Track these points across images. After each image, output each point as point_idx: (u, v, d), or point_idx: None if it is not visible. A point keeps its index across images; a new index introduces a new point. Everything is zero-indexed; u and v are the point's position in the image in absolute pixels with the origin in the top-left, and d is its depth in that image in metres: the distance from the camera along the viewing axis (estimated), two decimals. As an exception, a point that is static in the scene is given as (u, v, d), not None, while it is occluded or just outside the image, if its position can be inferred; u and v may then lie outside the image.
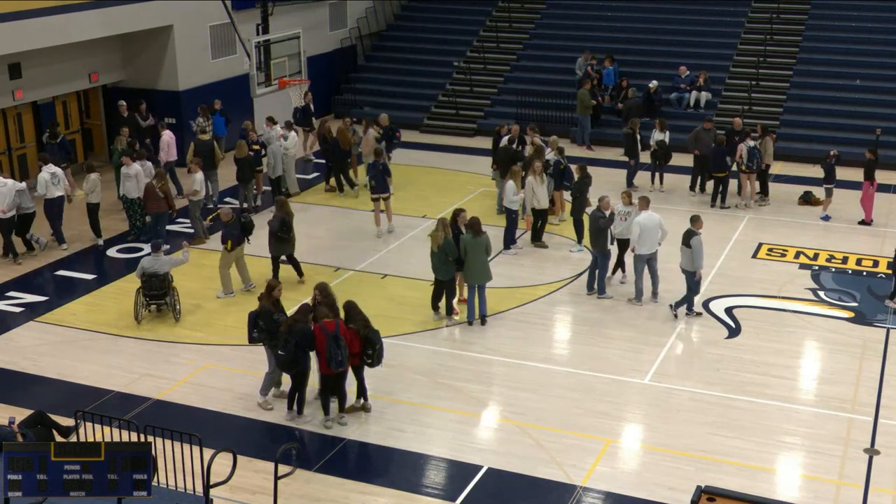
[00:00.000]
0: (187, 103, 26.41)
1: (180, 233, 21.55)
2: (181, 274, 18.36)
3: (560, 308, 18.16)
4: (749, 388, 15.08)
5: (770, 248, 20.88)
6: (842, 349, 16.45)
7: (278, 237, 18.56)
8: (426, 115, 31.34)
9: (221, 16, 26.65)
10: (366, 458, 13.58)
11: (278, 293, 14.47)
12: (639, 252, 17.77)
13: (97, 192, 20.75)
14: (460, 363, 16.01)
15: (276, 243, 18.65)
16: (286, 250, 18.74)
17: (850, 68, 29.35)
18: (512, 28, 33.81)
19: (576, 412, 14.43)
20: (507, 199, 20.37)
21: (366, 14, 34.61)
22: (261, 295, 14.51)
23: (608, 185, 23.34)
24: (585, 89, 28.45)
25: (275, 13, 28.78)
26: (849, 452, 13.42)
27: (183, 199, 22.34)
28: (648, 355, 16.17)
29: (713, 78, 29.64)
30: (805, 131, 27.80)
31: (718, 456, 13.28)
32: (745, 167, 22.91)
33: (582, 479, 12.81)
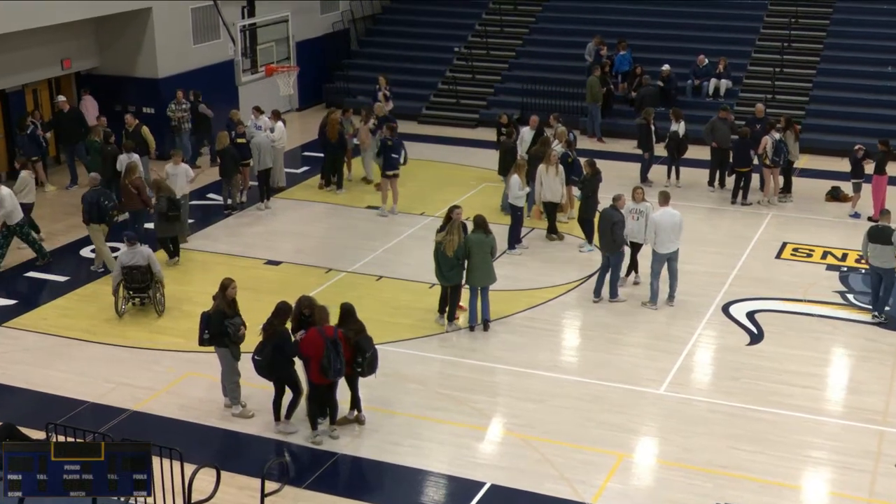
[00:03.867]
0: (167, 91, 26.39)
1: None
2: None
3: (569, 312, 18.19)
4: (772, 399, 15.11)
5: (795, 247, 20.92)
6: (872, 356, 16.47)
7: (168, 217, 19.16)
8: (425, 105, 31.36)
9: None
10: (359, 473, 13.60)
11: (233, 292, 14.52)
12: (657, 250, 17.79)
13: (28, 191, 20.71)
14: (461, 371, 16.03)
15: (165, 223, 19.21)
16: (174, 231, 18.86)
17: (882, 54, 29.36)
18: (517, 11, 33.82)
19: (586, 424, 14.45)
20: (513, 195, 20.38)
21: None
22: (215, 295, 14.57)
23: (621, 179, 23.37)
24: (595, 76, 28.45)
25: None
26: (879, 468, 13.44)
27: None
28: (664, 363, 16.20)
29: (734, 65, 29.63)
30: (833, 122, 27.82)
31: (739, 471, 13.30)
32: (771, 161, 22.92)
33: (592, 496, 12.83)
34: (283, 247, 21.13)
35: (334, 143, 24.07)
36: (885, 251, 17.38)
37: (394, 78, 30.04)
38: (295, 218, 23.01)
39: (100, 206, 19.19)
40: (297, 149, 27.79)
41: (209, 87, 26.77)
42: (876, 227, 17.59)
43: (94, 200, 19.22)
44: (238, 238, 21.64)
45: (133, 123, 23.76)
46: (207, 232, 21.94)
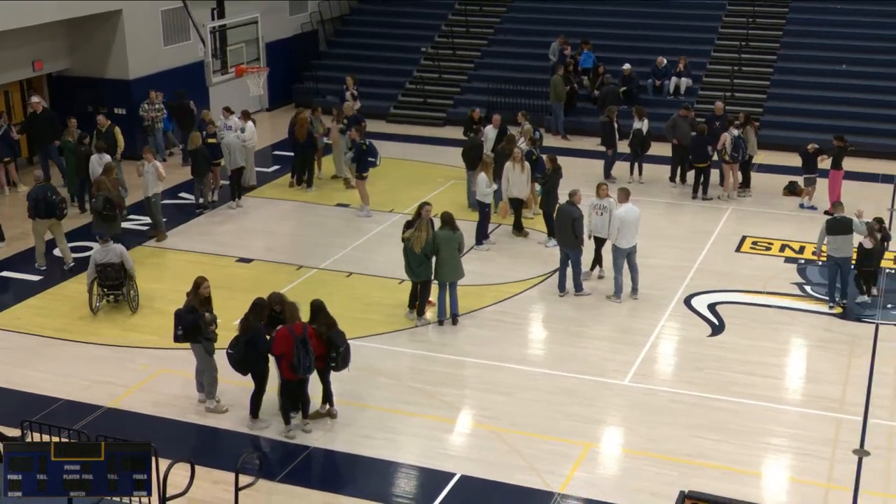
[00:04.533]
0: (138, 92, 26.21)
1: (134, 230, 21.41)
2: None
3: (535, 306, 18.23)
4: (733, 388, 15.21)
5: (754, 241, 21.06)
6: (829, 346, 16.63)
7: (103, 216, 19.08)
8: (393, 104, 31.32)
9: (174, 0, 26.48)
10: (332, 466, 13.57)
11: (205, 290, 14.46)
12: (619, 245, 17.87)
13: None
14: (431, 366, 16.04)
15: (102, 222, 19.12)
16: (113, 230, 18.76)
17: (837, 52, 29.63)
18: (482, 12, 33.84)
19: (553, 416, 14.49)
20: (481, 192, 20.40)
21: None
22: (188, 292, 14.50)
23: (585, 176, 23.42)
24: (559, 75, 28.54)
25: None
26: (837, 454, 13.57)
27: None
28: (628, 355, 16.27)
29: (694, 64, 29.81)
30: (790, 118, 28.05)
31: (702, 459, 13.39)
32: (730, 157, 23.08)
33: (560, 485, 12.87)
34: (254, 245, 21.04)
35: (303, 142, 23.99)
36: (845, 241, 17.56)
37: (362, 78, 29.99)
38: (266, 216, 22.91)
39: (47, 201, 19.08)
40: (268, 148, 27.67)
41: (180, 87, 26.58)
42: (834, 219, 17.75)
43: (40, 196, 19.10)
44: (210, 236, 21.52)
45: (106, 124, 23.58)
46: (180, 230, 21.81)
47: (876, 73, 28.87)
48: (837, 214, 17.80)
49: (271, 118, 31.02)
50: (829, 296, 17.95)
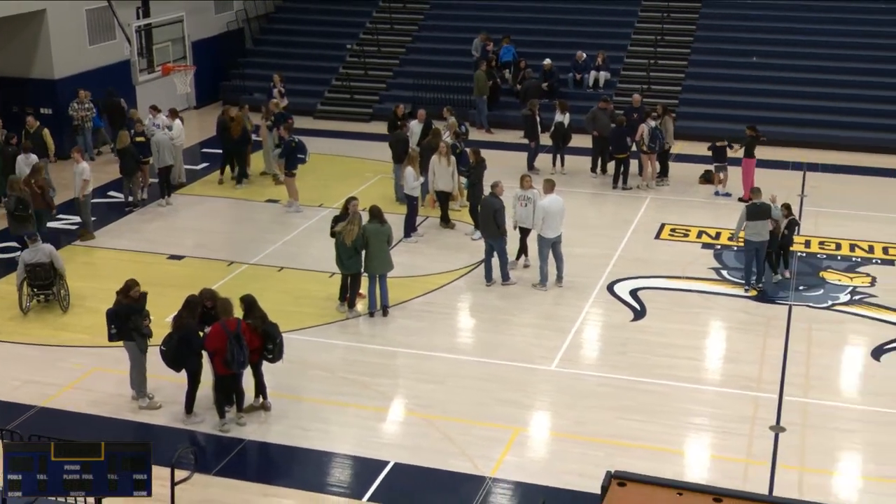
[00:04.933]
0: (63, 92, 25.68)
1: (63, 230, 21.02)
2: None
3: (464, 296, 18.26)
4: (656, 371, 15.41)
5: (673, 228, 21.34)
6: (746, 328, 16.92)
7: (15, 216, 18.92)
8: (320, 101, 31.12)
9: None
10: (268, 458, 13.46)
11: (136, 293, 14.26)
12: (544, 235, 17.97)
13: None
14: (364, 357, 15.98)
15: (14, 223, 18.97)
16: (24, 229, 18.54)
17: (747, 45, 30.14)
18: (406, 9, 33.77)
19: (483, 402, 14.55)
20: (408, 186, 20.37)
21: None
22: (119, 291, 14.30)
23: (509, 168, 23.51)
24: (482, 71, 28.63)
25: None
26: (755, 431, 13.83)
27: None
28: (555, 341, 16.38)
29: (612, 58, 30.10)
30: (704, 109, 28.45)
31: (628, 440, 13.55)
32: (647, 148, 23.35)
33: (491, 469, 12.92)
34: (185, 241, 20.77)
35: (237, 138, 23.75)
36: (764, 225, 17.91)
37: (289, 75, 29.76)
38: (196, 213, 22.63)
39: None
40: (196, 146, 27.32)
41: (107, 86, 26.12)
42: (754, 205, 18.05)
43: None
44: (140, 234, 21.19)
45: (34, 125, 23.14)
46: (110, 229, 21.44)
47: (785, 65, 29.42)
48: (757, 200, 18.10)
49: (199, 116, 30.60)
50: (745, 279, 18.27)
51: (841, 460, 13.28)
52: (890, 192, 23.69)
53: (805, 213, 21.64)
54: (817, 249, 20.08)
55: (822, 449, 13.41)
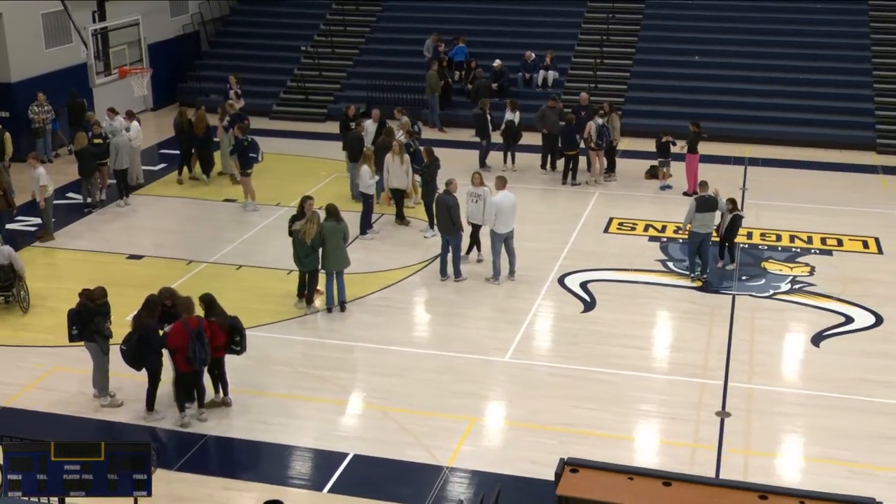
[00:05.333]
0: (21, 95, 25.30)
1: (23, 231, 20.73)
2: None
3: (419, 291, 18.28)
4: (607, 360, 15.53)
5: (621, 222, 21.51)
6: (692, 317, 17.11)
7: None
8: (275, 102, 30.95)
9: (54, 3, 25.64)
10: (230, 453, 13.39)
11: (101, 302, 14.10)
12: (497, 231, 18.03)
13: None
14: (322, 351, 15.95)
15: None
16: None
17: (689, 45, 30.45)
18: (359, 11, 33.67)
19: (440, 394, 14.58)
20: (363, 184, 20.34)
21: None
22: (80, 293, 14.15)
23: (461, 165, 23.55)
24: (434, 71, 28.64)
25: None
26: (702, 416, 13.99)
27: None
28: (508, 333, 16.45)
29: (559, 58, 30.25)
30: (649, 107, 28.71)
31: (580, 428, 13.65)
32: (595, 144, 23.51)
33: (448, 459, 12.96)
34: (144, 241, 20.57)
35: (202, 136, 23.56)
36: (711, 217, 18.14)
37: (244, 77, 29.53)
38: (154, 213, 22.42)
39: None
40: (154, 147, 27.06)
41: (64, 89, 25.78)
42: (703, 197, 18.25)
43: None
44: (100, 234, 20.96)
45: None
46: (69, 230, 21.17)
47: (726, 64, 29.74)
48: (704, 193, 18.32)
49: (156, 118, 30.31)
50: (690, 269, 18.47)
51: (784, 443, 13.48)
52: (827, 185, 24.08)
53: (747, 206, 21.90)
54: (759, 241, 20.36)
55: (765, 432, 13.61)
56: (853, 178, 24.63)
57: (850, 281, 18.38)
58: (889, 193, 23.55)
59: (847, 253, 19.77)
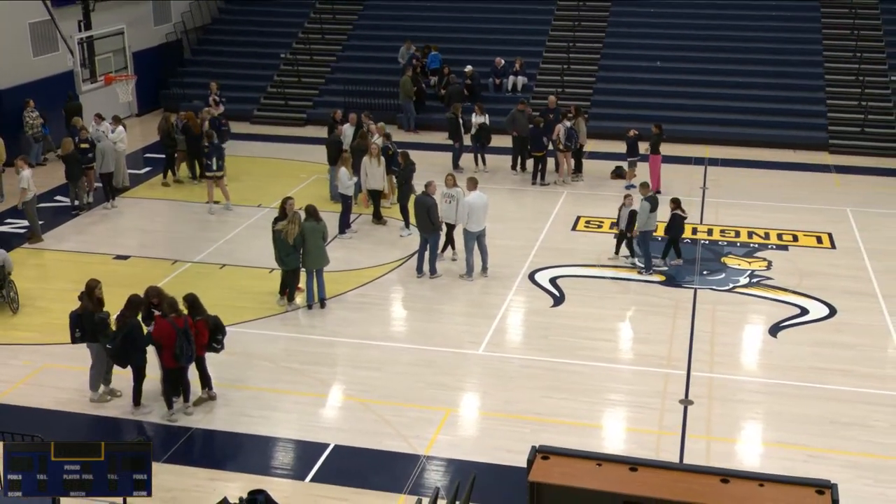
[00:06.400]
0: (9, 102, 25.04)
1: (12, 233, 20.51)
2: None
3: (396, 288, 18.24)
4: (576, 352, 15.57)
5: (588, 220, 21.55)
6: (656, 310, 17.17)
7: None
8: (256, 107, 30.81)
9: (41, 12, 25.40)
10: (215, 445, 13.30)
11: (99, 293, 14.01)
12: (469, 229, 18.03)
13: None
14: (303, 347, 15.88)
15: None
16: None
17: (652, 51, 30.58)
18: (336, 20, 33.58)
19: (417, 386, 14.56)
20: (342, 185, 20.29)
21: (190, 8, 33.64)
22: (80, 295, 14.01)
23: (435, 167, 23.54)
24: (408, 76, 28.61)
25: (97, 9, 27.72)
26: (666, 405, 14.04)
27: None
28: (482, 327, 16.45)
29: (528, 63, 30.30)
30: (614, 110, 28.79)
31: (551, 417, 13.67)
32: (563, 146, 23.55)
33: (425, 448, 12.95)
34: (130, 242, 20.41)
35: (197, 135, 23.40)
36: (655, 216, 18.41)
37: (226, 83, 29.41)
38: (140, 215, 22.25)
39: None
40: (139, 151, 26.85)
41: (51, 96, 25.54)
42: (654, 198, 18.52)
43: None
44: (87, 236, 20.78)
45: None
46: (57, 232, 20.98)
47: (687, 69, 29.88)
48: (650, 193, 18.56)
49: (141, 123, 30.08)
50: (647, 267, 18.55)
51: (744, 429, 13.56)
52: (782, 183, 24.23)
53: (707, 204, 22.03)
54: (719, 237, 20.46)
55: (726, 419, 13.68)
56: (807, 177, 24.81)
57: (805, 274, 18.51)
58: (841, 191, 23.74)
59: (802, 248, 19.91)
